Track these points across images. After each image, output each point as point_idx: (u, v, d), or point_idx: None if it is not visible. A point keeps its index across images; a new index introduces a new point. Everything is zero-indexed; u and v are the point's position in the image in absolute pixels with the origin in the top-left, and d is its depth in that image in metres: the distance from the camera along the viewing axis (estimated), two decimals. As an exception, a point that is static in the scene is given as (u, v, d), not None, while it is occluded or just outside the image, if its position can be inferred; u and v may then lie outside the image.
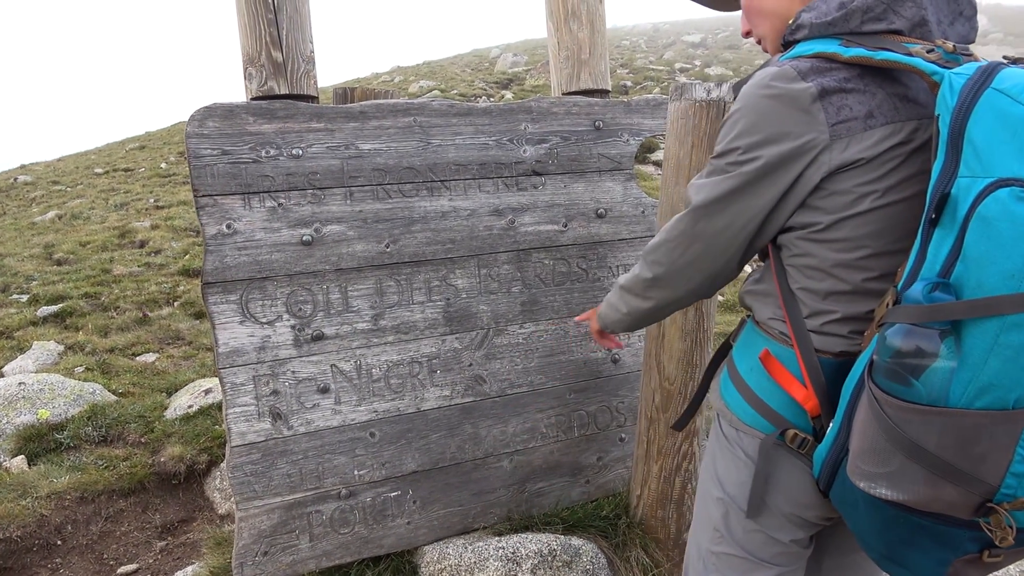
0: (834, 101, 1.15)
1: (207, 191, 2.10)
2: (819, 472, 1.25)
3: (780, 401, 1.32)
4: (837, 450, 1.19)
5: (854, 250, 1.21)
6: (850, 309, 1.24)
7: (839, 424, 1.18)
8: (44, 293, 5.93)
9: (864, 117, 1.15)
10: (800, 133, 1.16)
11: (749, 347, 1.40)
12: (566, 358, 2.66)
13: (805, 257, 1.26)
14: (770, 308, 1.36)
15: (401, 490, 2.48)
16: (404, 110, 2.30)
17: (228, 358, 2.19)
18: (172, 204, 9.89)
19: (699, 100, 2.10)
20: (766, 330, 1.36)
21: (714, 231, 1.29)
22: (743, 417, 1.38)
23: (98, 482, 3.18)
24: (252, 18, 2.12)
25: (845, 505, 1.20)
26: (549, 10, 2.61)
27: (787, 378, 1.30)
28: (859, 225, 1.19)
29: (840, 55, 1.15)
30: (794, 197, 1.22)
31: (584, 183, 2.57)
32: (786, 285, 1.30)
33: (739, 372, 1.40)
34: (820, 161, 1.17)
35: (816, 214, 1.22)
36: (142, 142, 16.83)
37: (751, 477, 1.36)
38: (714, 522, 1.46)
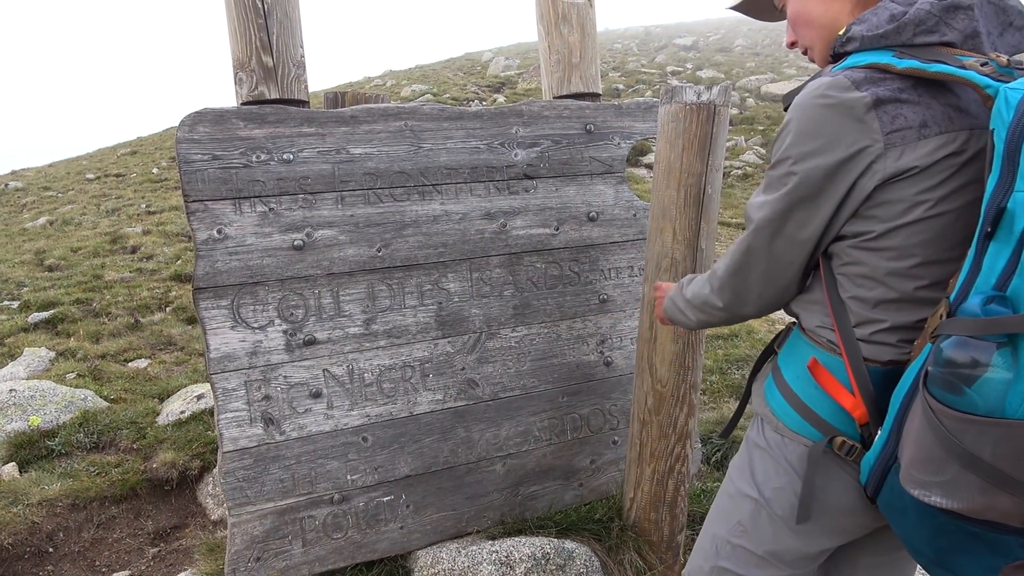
0: (889, 110, 1.17)
1: (198, 196, 2.10)
2: (867, 479, 1.27)
3: (828, 409, 1.34)
4: (886, 457, 1.21)
5: (906, 259, 1.23)
6: (899, 318, 1.26)
7: (888, 432, 1.20)
8: (35, 299, 5.90)
9: (918, 127, 1.17)
10: (854, 141, 1.18)
11: (795, 355, 1.41)
12: (558, 361, 2.66)
13: (856, 266, 1.28)
14: (818, 316, 1.36)
15: (394, 495, 2.48)
16: (395, 114, 2.30)
17: (220, 363, 2.18)
18: (164, 209, 9.86)
19: (690, 103, 2.11)
20: (813, 338, 1.37)
21: (778, 247, 1.31)
22: (789, 423, 1.39)
23: (90, 489, 3.17)
24: (242, 23, 2.12)
25: (893, 511, 1.21)
26: (540, 14, 2.62)
27: (835, 386, 1.32)
28: (912, 234, 1.21)
29: (894, 66, 1.17)
30: (849, 205, 1.23)
31: (576, 186, 2.58)
32: (835, 294, 1.32)
33: (785, 379, 1.41)
34: (874, 169, 1.18)
35: (869, 223, 1.23)
36: (133, 147, 16.78)
37: (791, 483, 1.39)
38: (740, 517, 1.49)
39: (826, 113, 1.19)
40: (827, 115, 1.19)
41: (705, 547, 1.58)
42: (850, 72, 1.20)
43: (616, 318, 2.72)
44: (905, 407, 1.16)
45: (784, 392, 1.41)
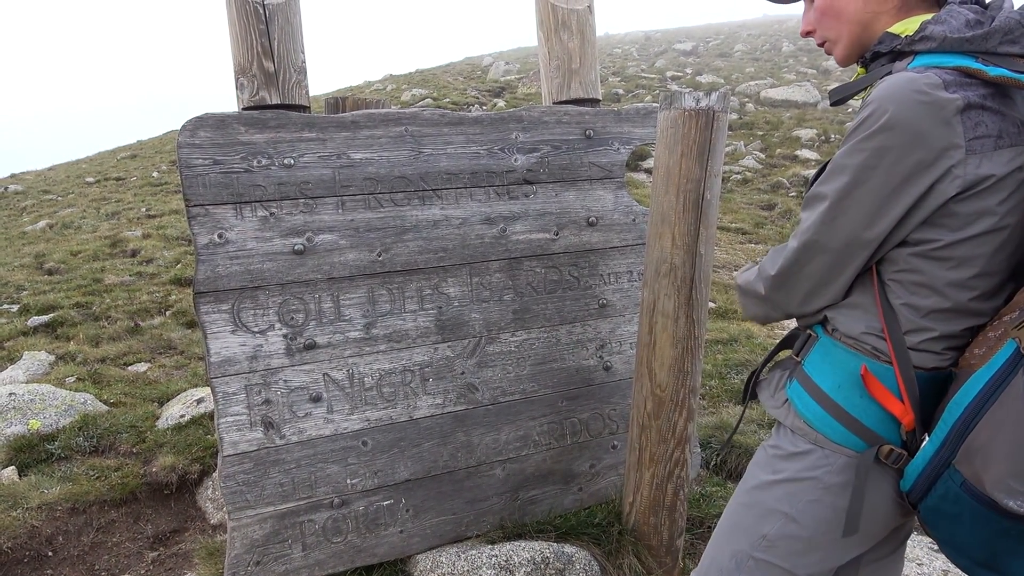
0: (973, 116, 1.17)
1: (199, 201, 2.10)
2: (912, 485, 1.27)
3: (874, 417, 1.33)
4: (938, 464, 1.21)
5: (966, 269, 1.24)
6: (948, 328, 1.28)
7: (943, 439, 1.20)
8: (35, 303, 5.90)
9: (996, 136, 1.18)
10: (940, 143, 1.17)
11: (832, 363, 1.38)
12: (558, 366, 2.66)
13: (913, 273, 1.27)
14: (862, 322, 1.34)
15: (394, 499, 2.48)
16: (395, 119, 2.31)
17: (220, 367, 2.19)
18: (164, 213, 9.87)
19: (688, 109, 2.12)
20: (855, 346, 1.35)
21: (839, 241, 1.28)
22: (831, 435, 1.36)
23: (89, 492, 3.17)
24: (244, 28, 2.13)
25: (941, 516, 1.22)
26: (539, 20, 2.63)
27: (884, 394, 1.31)
28: (976, 245, 1.22)
29: (985, 72, 1.17)
30: (923, 210, 1.22)
31: (575, 191, 2.59)
32: (886, 299, 1.31)
33: (823, 389, 1.38)
34: (954, 174, 1.18)
35: (938, 231, 1.23)
36: (133, 151, 16.80)
37: (828, 495, 1.37)
38: (765, 530, 1.44)
39: (920, 109, 1.17)
40: (920, 112, 1.17)
41: (723, 563, 1.52)
42: (939, 72, 1.19)
43: (615, 323, 2.73)
44: (971, 416, 1.16)
45: (823, 402, 1.37)
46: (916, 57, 1.25)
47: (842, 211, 1.26)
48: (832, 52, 1.43)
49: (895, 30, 1.31)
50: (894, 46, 1.29)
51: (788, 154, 12.47)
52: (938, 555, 2.72)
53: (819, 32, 1.42)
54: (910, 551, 2.72)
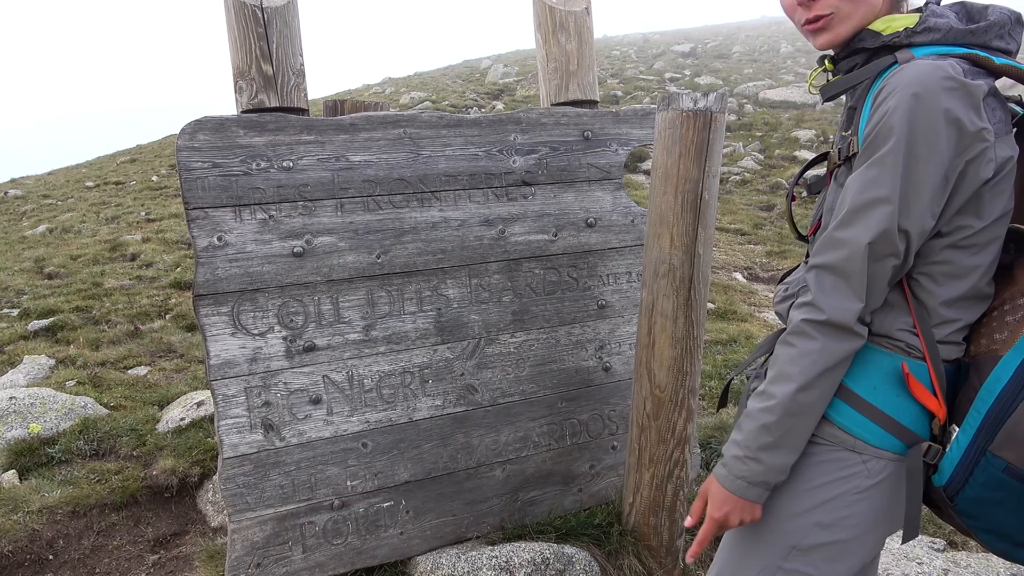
0: (989, 103, 1.21)
1: (198, 204, 2.11)
2: (950, 478, 1.26)
3: (911, 416, 1.31)
4: (974, 453, 1.21)
5: (987, 254, 1.27)
6: (970, 316, 1.30)
7: (977, 428, 1.21)
8: (35, 307, 5.90)
9: (1004, 122, 1.23)
10: (976, 128, 1.18)
11: (863, 365, 1.33)
12: (557, 367, 2.67)
13: (944, 265, 1.27)
14: (897, 320, 1.32)
15: (394, 500, 2.48)
16: (394, 122, 2.32)
17: (220, 370, 2.19)
18: (163, 217, 9.88)
19: (686, 110, 2.13)
20: (887, 345, 1.32)
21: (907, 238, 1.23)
22: (871, 439, 1.33)
23: (90, 496, 3.17)
24: (242, 32, 2.14)
25: (983, 504, 1.23)
26: (537, 22, 2.64)
27: (922, 391, 1.30)
28: (997, 228, 1.26)
29: (992, 61, 1.21)
30: (962, 195, 1.22)
31: (574, 193, 2.59)
32: (915, 295, 1.30)
33: (856, 392, 1.33)
34: (988, 157, 1.20)
35: (969, 218, 1.24)
36: (133, 155, 16.81)
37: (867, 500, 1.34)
38: (794, 542, 1.39)
39: (952, 97, 1.16)
40: (953, 99, 1.16)
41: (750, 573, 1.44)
42: (952, 60, 1.20)
43: (614, 324, 2.73)
44: (1008, 400, 1.17)
45: (858, 406, 1.33)
46: (916, 48, 1.25)
47: (905, 209, 1.20)
48: (829, 29, 1.34)
49: (877, 27, 1.30)
50: (884, 40, 1.29)
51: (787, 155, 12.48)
52: (939, 554, 2.73)
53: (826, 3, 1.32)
54: (910, 550, 2.73)
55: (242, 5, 2.12)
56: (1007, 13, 1.25)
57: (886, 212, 1.20)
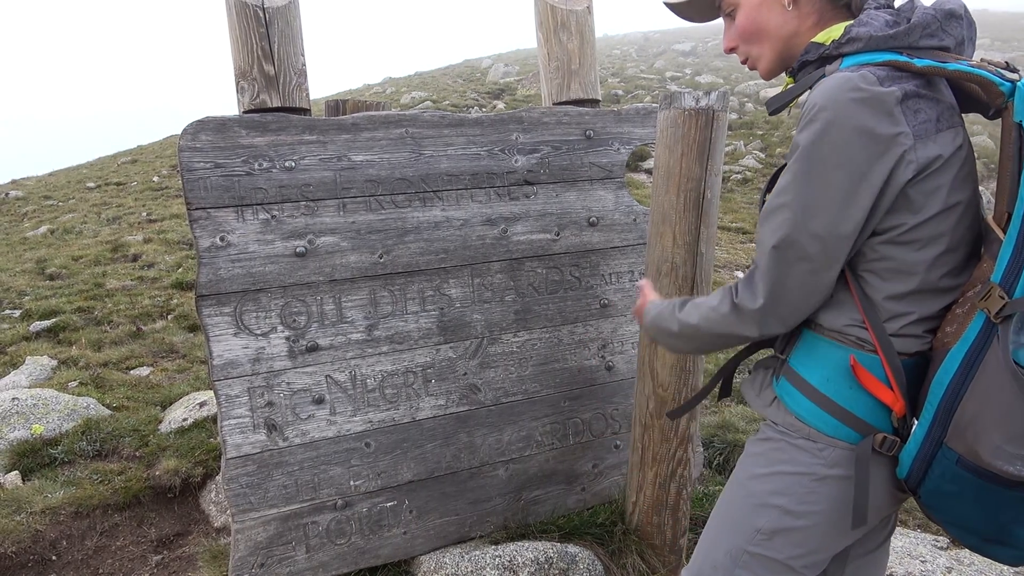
0: (911, 105, 1.23)
1: (200, 204, 2.11)
2: (909, 470, 1.29)
3: (865, 407, 1.35)
4: (931, 445, 1.25)
5: (932, 248, 1.28)
6: (925, 309, 1.31)
7: (932, 420, 1.24)
8: (37, 308, 5.91)
9: (935, 120, 1.25)
10: (888, 133, 1.21)
11: (818, 358, 1.39)
12: (560, 366, 2.67)
13: (884, 261, 1.30)
14: (845, 316, 1.36)
15: (397, 500, 2.48)
16: (396, 122, 2.31)
17: (223, 370, 2.19)
18: (165, 217, 9.87)
19: (688, 109, 2.13)
20: (839, 339, 1.37)
21: (817, 245, 1.27)
22: (824, 428, 1.37)
23: (93, 497, 3.17)
24: (244, 32, 2.14)
25: (942, 496, 1.25)
26: (538, 21, 2.63)
27: (874, 383, 1.33)
28: (937, 223, 1.27)
29: (912, 64, 1.23)
30: (887, 198, 1.25)
31: (576, 192, 2.59)
32: (862, 291, 1.33)
33: (811, 384, 1.39)
34: (907, 159, 1.23)
35: (901, 216, 1.27)
36: (134, 156, 16.81)
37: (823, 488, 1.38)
38: (760, 524, 1.44)
39: (860, 107, 1.21)
40: (861, 109, 1.21)
41: (718, 559, 1.52)
42: (872, 69, 1.24)
43: (617, 322, 2.73)
44: (954, 393, 1.20)
45: (813, 397, 1.39)
46: (844, 59, 1.30)
47: (806, 216, 1.26)
48: (756, 67, 1.48)
49: (819, 39, 1.37)
50: (821, 52, 1.35)
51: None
52: (942, 552, 2.72)
53: (742, 49, 1.48)
54: (913, 548, 2.73)
55: (244, 5, 2.12)
56: (930, 12, 1.28)
57: (786, 218, 1.28)
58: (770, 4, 1.41)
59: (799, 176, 1.27)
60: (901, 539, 2.79)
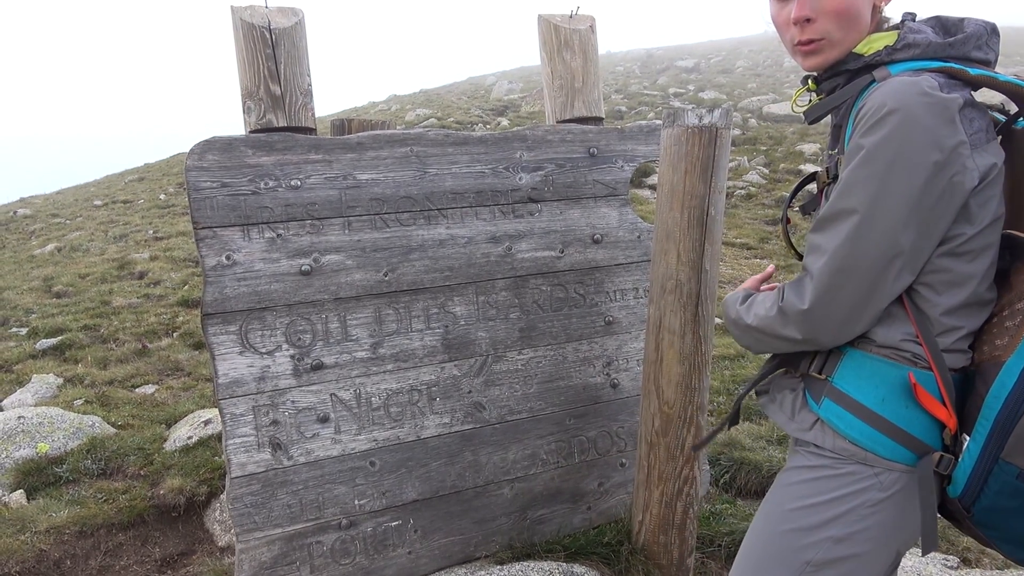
0: (967, 114, 1.23)
1: (207, 223, 2.12)
2: (964, 487, 1.25)
3: (921, 426, 1.31)
4: (986, 461, 1.21)
5: (984, 260, 1.28)
6: (972, 322, 1.30)
7: (987, 435, 1.21)
8: (43, 326, 5.93)
9: (985, 131, 1.25)
10: (952, 142, 1.20)
11: (871, 377, 1.34)
12: (565, 383, 2.66)
13: (941, 273, 1.28)
14: (898, 330, 1.32)
15: (402, 519, 2.47)
16: (401, 140, 2.33)
17: (228, 389, 2.20)
18: (171, 235, 9.92)
19: (691, 126, 2.13)
20: (893, 356, 1.32)
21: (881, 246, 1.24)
22: (882, 452, 1.32)
23: (97, 516, 3.16)
24: (251, 53, 2.16)
25: (999, 513, 1.22)
26: (542, 40, 2.65)
27: (931, 401, 1.29)
28: (989, 234, 1.27)
29: (967, 72, 1.23)
30: (952, 206, 1.23)
31: (580, 209, 2.60)
32: (915, 306, 1.31)
33: (865, 405, 1.34)
34: (969, 167, 1.22)
35: (961, 226, 1.26)
36: (141, 174, 16.92)
37: (882, 512, 1.33)
38: (809, 557, 1.38)
39: (928, 110, 1.19)
40: (929, 112, 1.19)
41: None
42: (930, 75, 1.23)
43: (622, 340, 2.73)
44: (1015, 405, 1.17)
45: (869, 419, 1.33)
46: (894, 65, 1.29)
47: (874, 222, 1.22)
48: (819, 52, 1.37)
49: (860, 50, 1.35)
50: (864, 62, 1.33)
51: (792, 168, 12.48)
52: (952, 572, 2.69)
53: (821, 26, 1.34)
54: (923, 568, 2.70)
55: (250, 27, 2.14)
56: (982, 24, 1.29)
57: (853, 223, 1.24)
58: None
59: (865, 180, 1.23)
60: (911, 559, 2.76)
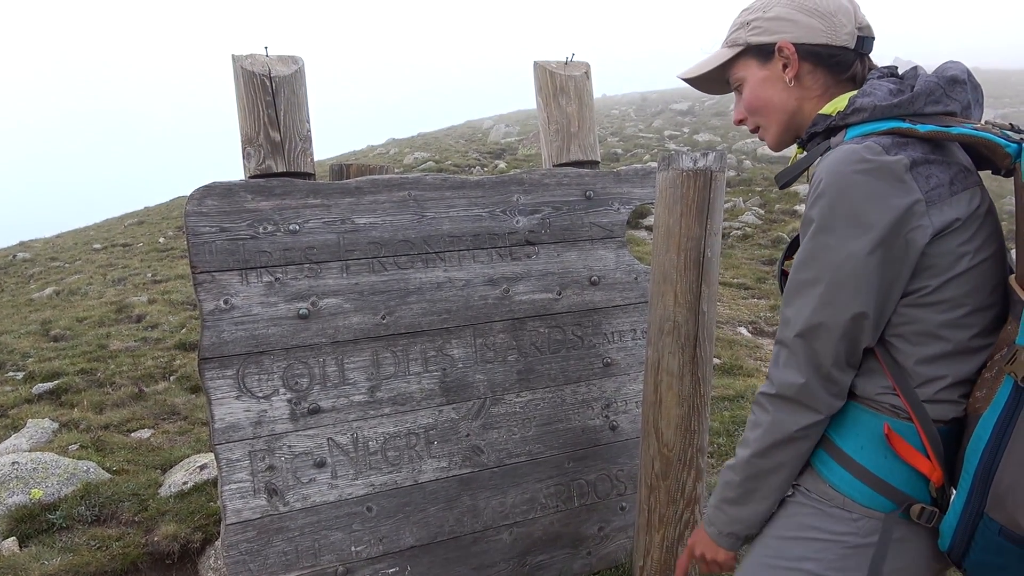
0: (922, 171, 1.23)
1: (205, 267, 2.13)
2: (952, 541, 1.24)
3: (901, 477, 1.31)
4: (971, 516, 1.20)
5: (958, 309, 1.27)
6: (958, 371, 1.29)
7: (969, 489, 1.20)
8: (40, 370, 5.89)
9: (948, 184, 1.25)
10: (901, 201, 1.21)
11: (852, 425, 1.36)
12: (564, 426, 2.64)
13: (911, 324, 1.29)
14: (876, 382, 1.34)
15: (399, 566, 2.43)
16: (399, 184, 2.35)
17: (224, 434, 2.18)
18: (169, 278, 9.93)
19: (686, 169, 2.16)
20: (873, 406, 1.34)
21: (849, 308, 1.26)
22: (860, 499, 1.33)
23: (90, 563, 3.11)
24: (251, 100, 2.19)
25: (988, 569, 1.21)
26: (538, 87, 2.70)
27: (910, 452, 1.29)
28: (960, 284, 1.26)
29: (916, 131, 1.24)
30: (908, 263, 1.25)
31: (577, 251, 2.61)
32: (890, 358, 1.31)
33: (846, 452, 1.35)
34: (923, 225, 1.22)
35: (923, 278, 1.26)
36: (140, 217, 17.02)
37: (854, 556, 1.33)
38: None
39: (868, 178, 1.22)
40: (869, 180, 1.22)
41: None
42: (875, 138, 1.25)
43: (620, 382, 2.72)
44: (989, 460, 1.17)
45: (848, 466, 1.35)
46: (849, 129, 1.32)
47: (835, 288, 1.26)
48: (764, 138, 1.51)
49: (826, 111, 1.38)
50: (828, 124, 1.36)
51: (787, 209, 12.58)
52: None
53: (751, 120, 1.51)
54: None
55: (251, 75, 2.17)
56: (933, 80, 1.30)
57: (817, 293, 1.27)
58: (773, 80, 1.44)
59: (816, 252, 1.27)
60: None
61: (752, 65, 1.47)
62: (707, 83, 1.61)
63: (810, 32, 1.39)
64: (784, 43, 1.40)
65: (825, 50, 1.39)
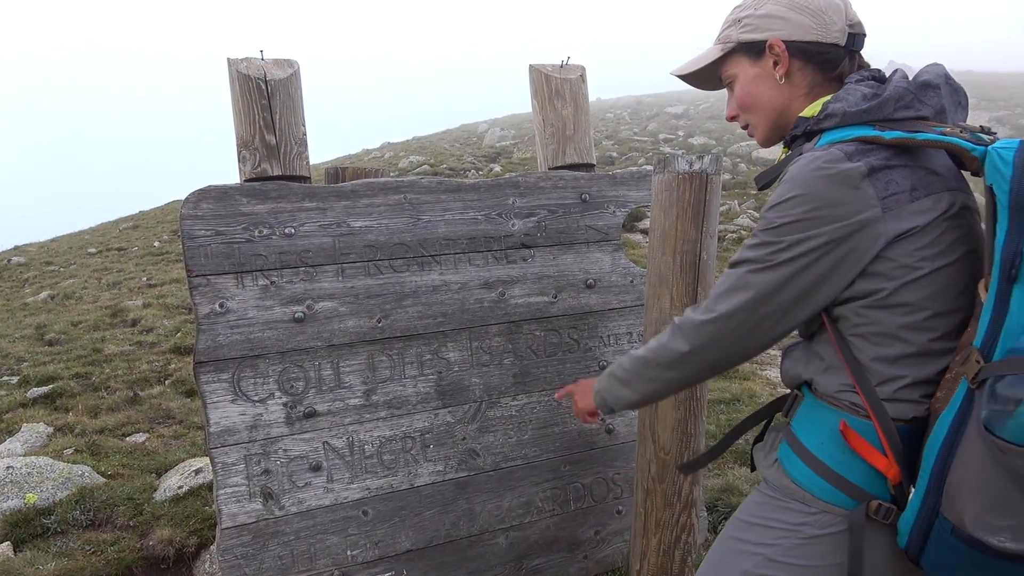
0: (881, 177, 1.24)
1: (200, 271, 2.13)
2: (909, 540, 1.26)
3: (859, 473, 1.33)
4: (927, 514, 1.21)
5: (918, 312, 1.28)
6: (919, 372, 1.30)
7: (926, 488, 1.21)
8: (34, 374, 5.88)
9: (909, 190, 1.26)
10: (854, 208, 1.23)
11: (814, 422, 1.40)
12: (560, 429, 2.64)
13: (870, 325, 1.30)
14: (837, 380, 1.37)
15: (395, 570, 2.43)
16: (394, 188, 2.35)
17: (219, 437, 2.17)
18: (165, 282, 9.91)
19: (682, 172, 2.16)
20: (834, 403, 1.37)
21: (767, 309, 1.31)
22: (819, 494, 1.36)
23: (85, 568, 3.10)
24: (247, 104, 2.19)
25: (942, 568, 1.22)
26: (534, 90, 2.70)
27: (867, 449, 1.31)
28: (920, 288, 1.27)
29: (882, 137, 1.26)
30: (851, 268, 1.27)
31: (573, 254, 2.62)
32: (851, 355, 1.33)
33: (808, 448, 1.39)
34: (876, 232, 1.24)
35: (879, 281, 1.28)
36: (135, 221, 16.97)
37: (821, 554, 1.35)
38: (744, 568, 1.43)
39: (826, 184, 1.24)
40: (827, 186, 1.24)
41: None
42: (841, 145, 1.27)
43: (616, 384, 2.72)
44: (944, 459, 1.18)
45: (809, 462, 1.38)
46: (822, 135, 1.34)
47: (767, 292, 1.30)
48: (754, 135, 1.54)
49: (805, 113, 1.40)
50: (805, 128, 1.38)
51: (783, 212, 12.61)
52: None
53: (741, 117, 1.54)
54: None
55: (247, 78, 2.17)
56: (903, 85, 1.31)
57: (743, 284, 1.33)
58: (764, 78, 1.45)
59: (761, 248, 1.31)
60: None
61: (743, 62, 1.48)
62: (700, 79, 1.63)
63: (801, 29, 1.40)
64: (775, 40, 1.41)
65: (816, 47, 1.40)
